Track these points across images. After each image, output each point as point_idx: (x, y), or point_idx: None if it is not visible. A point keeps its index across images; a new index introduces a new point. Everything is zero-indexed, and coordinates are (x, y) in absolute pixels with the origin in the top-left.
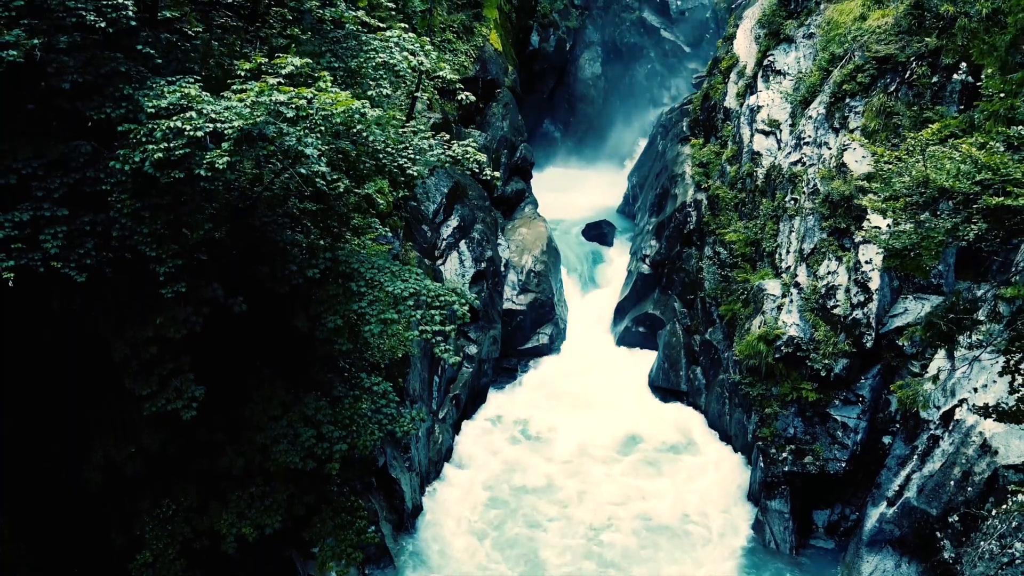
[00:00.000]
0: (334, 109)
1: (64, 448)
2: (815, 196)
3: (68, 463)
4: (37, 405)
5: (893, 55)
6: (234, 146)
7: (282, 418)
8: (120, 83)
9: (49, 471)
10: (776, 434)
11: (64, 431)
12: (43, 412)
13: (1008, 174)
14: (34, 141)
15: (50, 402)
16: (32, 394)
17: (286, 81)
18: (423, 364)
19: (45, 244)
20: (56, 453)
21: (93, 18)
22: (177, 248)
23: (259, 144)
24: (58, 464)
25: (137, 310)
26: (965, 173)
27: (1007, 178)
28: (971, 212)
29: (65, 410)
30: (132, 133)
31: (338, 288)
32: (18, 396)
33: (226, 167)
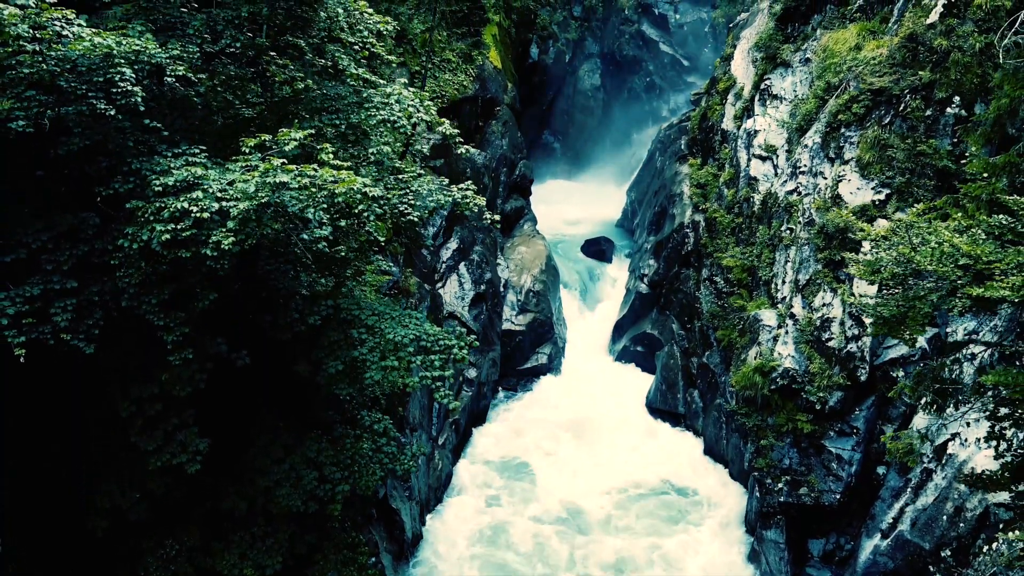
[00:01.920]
0: (336, 188)
1: (70, 496)
2: (810, 227)
3: (74, 510)
4: (44, 457)
5: (887, 88)
6: (239, 225)
7: (285, 461)
8: (128, 157)
9: (56, 518)
10: (772, 465)
11: (70, 480)
12: (50, 463)
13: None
14: (44, 213)
15: (57, 454)
16: (39, 447)
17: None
18: (423, 392)
19: (55, 317)
20: (63, 501)
21: (104, 106)
22: (184, 316)
23: (264, 222)
24: (65, 511)
25: (142, 366)
26: (948, 255)
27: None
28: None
29: (72, 460)
30: (140, 211)
31: (339, 334)
32: (25, 450)
33: (231, 247)
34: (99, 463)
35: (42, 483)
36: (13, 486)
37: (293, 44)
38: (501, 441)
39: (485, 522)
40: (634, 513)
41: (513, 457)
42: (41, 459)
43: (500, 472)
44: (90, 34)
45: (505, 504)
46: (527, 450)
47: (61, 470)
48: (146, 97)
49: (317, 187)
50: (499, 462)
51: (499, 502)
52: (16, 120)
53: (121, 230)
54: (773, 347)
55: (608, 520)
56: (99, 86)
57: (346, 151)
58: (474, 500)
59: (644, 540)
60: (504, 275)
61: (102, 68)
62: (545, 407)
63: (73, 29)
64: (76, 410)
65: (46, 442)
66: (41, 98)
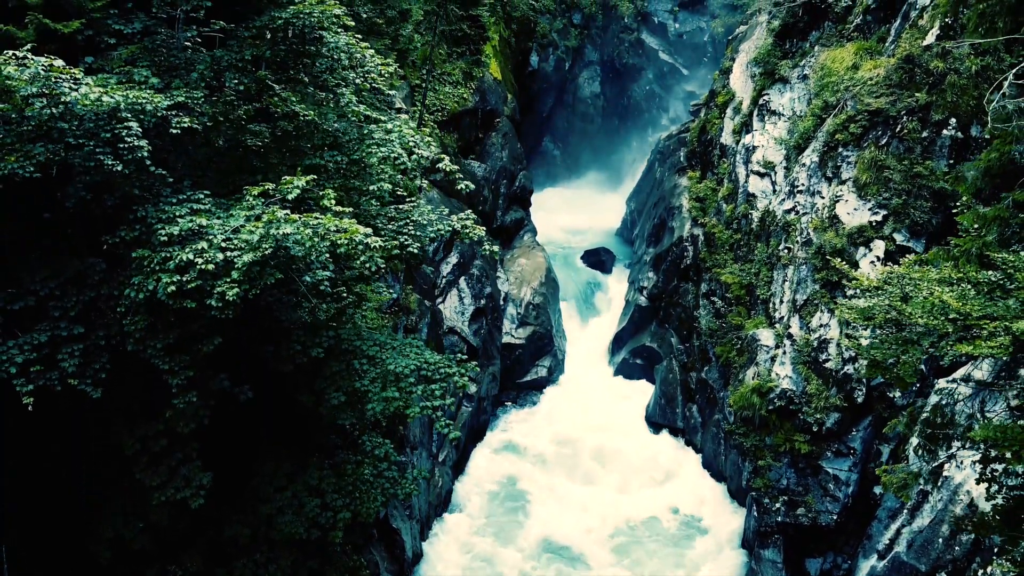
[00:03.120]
0: (339, 239)
1: (74, 526)
2: (808, 246)
3: (77, 539)
4: (48, 490)
5: (884, 109)
6: (243, 276)
7: (287, 488)
8: (133, 204)
9: (59, 547)
10: (770, 485)
11: (73, 511)
12: (54, 496)
13: (978, 318)
14: (50, 257)
15: (60, 488)
16: (43, 480)
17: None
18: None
19: (62, 363)
20: (66, 531)
21: (111, 162)
22: (188, 359)
23: (267, 270)
24: (68, 541)
25: (147, 404)
26: (938, 308)
27: (978, 320)
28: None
29: (75, 494)
30: (146, 260)
31: (341, 365)
32: (27, 483)
33: (235, 298)
34: (102, 496)
35: (45, 514)
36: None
37: (295, 78)
38: (499, 462)
39: (483, 544)
40: (631, 536)
41: (511, 480)
42: (44, 493)
43: (498, 499)
44: (98, 93)
45: (499, 535)
46: (526, 475)
47: (64, 502)
48: (151, 143)
49: (320, 236)
50: (497, 486)
51: (492, 532)
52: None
53: (127, 276)
54: (771, 367)
55: (604, 542)
56: (106, 141)
57: (348, 185)
58: (473, 521)
59: (640, 566)
60: (504, 288)
61: (109, 124)
62: (544, 422)
63: (81, 91)
64: (80, 447)
65: (49, 478)
66: (49, 147)
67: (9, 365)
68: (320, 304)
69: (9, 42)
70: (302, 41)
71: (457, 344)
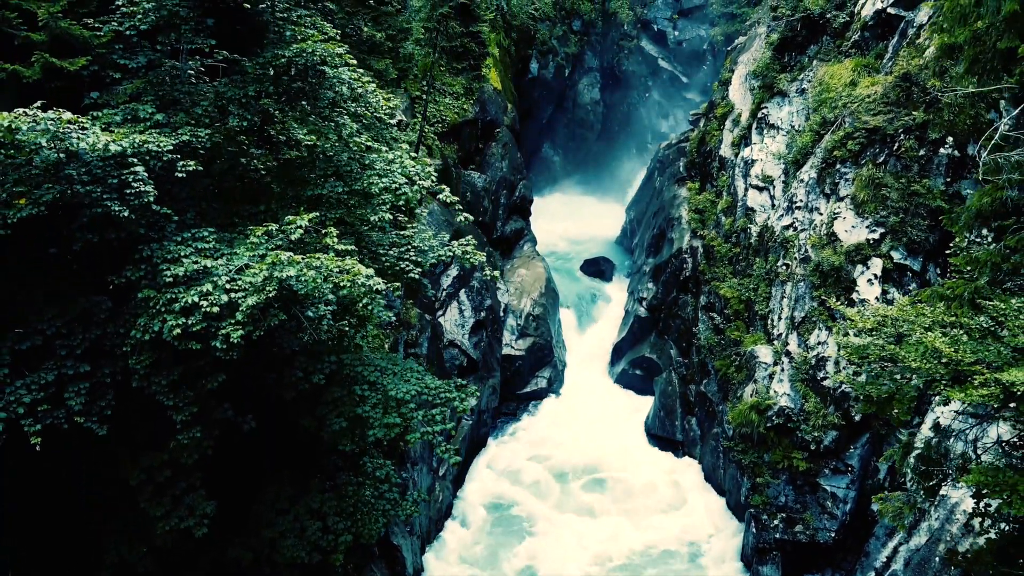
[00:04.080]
0: (341, 281)
1: (78, 551)
2: (806, 263)
3: (82, 564)
4: (52, 516)
5: (882, 127)
6: (247, 318)
7: (289, 511)
8: (139, 244)
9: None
10: (768, 502)
11: (78, 536)
12: (58, 523)
13: (970, 363)
14: (57, 294)
15: (65, 513)
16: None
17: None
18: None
19: (69, 401)
20: (70, 556)
21: (118, 208)
22: (192, 395)
23: (271, 311)
24: (72, 565)
25: (151, 436)
26: (931, 352)
27: (970, 366)
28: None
29: (80, 519)
30: (152, 301)
31: (342, 390)
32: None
33: (239, 340)
34: (107, 522)
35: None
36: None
37: (299, 107)
38: (498, 480)
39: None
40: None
41: (510, 502)
42: (48, 519)
43: (496, 514)
44: (105, 141)
45: (497, 552)
46: (523, 496)
47: (68, 528)
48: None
49: (323, 277)
50: (496, 502)
51: (491, 548)
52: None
53: (133, 314)
54: (769, 385)
55: (604, 564)
56: (113, 187)
57: (351, 216)
58: (472, 535)
59: None
60: (504, 299)
61: (116, 170)
62: (543, 435)
63: (89, 140)
64: (85, 477)
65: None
66: (56, 188)
67: (17, 405)
68: (321, 330)
69: (16, 80)
70: (305, 76)
71: (457, 357)
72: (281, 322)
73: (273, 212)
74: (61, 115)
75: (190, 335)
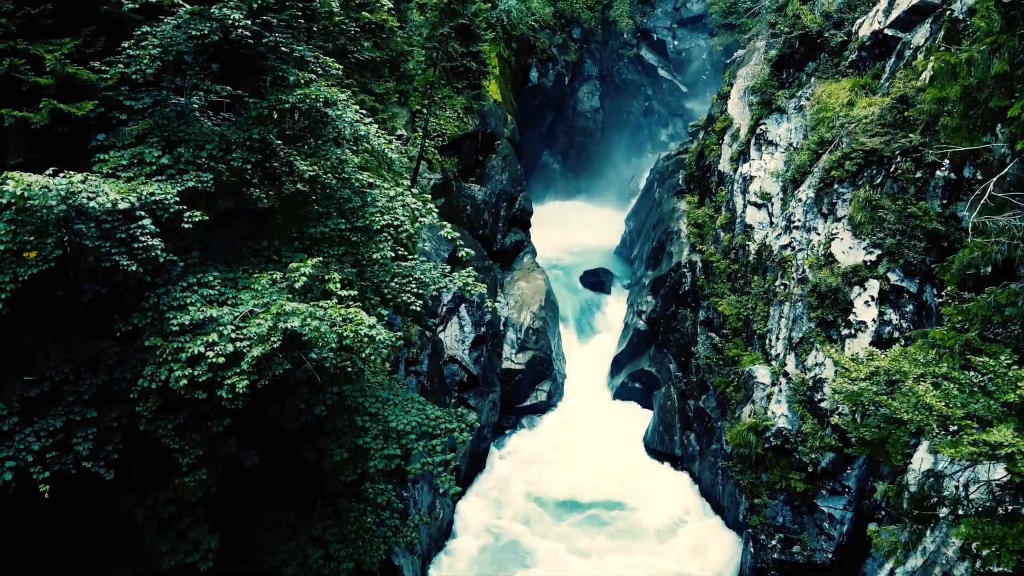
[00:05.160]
0: (345, 330)
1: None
2: (804, 284)
3: None
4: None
5: (879, 149)
6: (252, 367)
7: (291, 540)
8: (146, 291)
9: None
10: (766, 522)
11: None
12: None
13: (960, 418)
14: (65, 342)
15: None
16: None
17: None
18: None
19: (77, 447)
20: None
21: (126, 262)
22: (198, 438)
23: (275, 359)
24: None
25: (157, 474)
26: (922, 406)
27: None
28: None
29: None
30: (159, 349)
31: (344, 420)
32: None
33: (245, 390)
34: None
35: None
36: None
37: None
38: (496, 502)
39: None
40: None
41: (508, 532)
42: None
43: (494, 536)
44: (115, 198)
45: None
46: (521, 529)
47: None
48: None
49: (328, 327)
50: (493, 534)
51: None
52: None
53: (140, 360)
54: (767, 405)
55: None
56: (122, 241)
57: (354, 252)
58: (473, 553)
59: None
60: (504, 313)
61: (124, 224)
62: (543, 453)
63: (99, 199)
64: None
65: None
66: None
67: (26, 453)
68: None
69: (25, 126)
70: (307, 117)
71: (458, 373)
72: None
73: (276, 248)
74: (72, 178)
75: (196, 385)
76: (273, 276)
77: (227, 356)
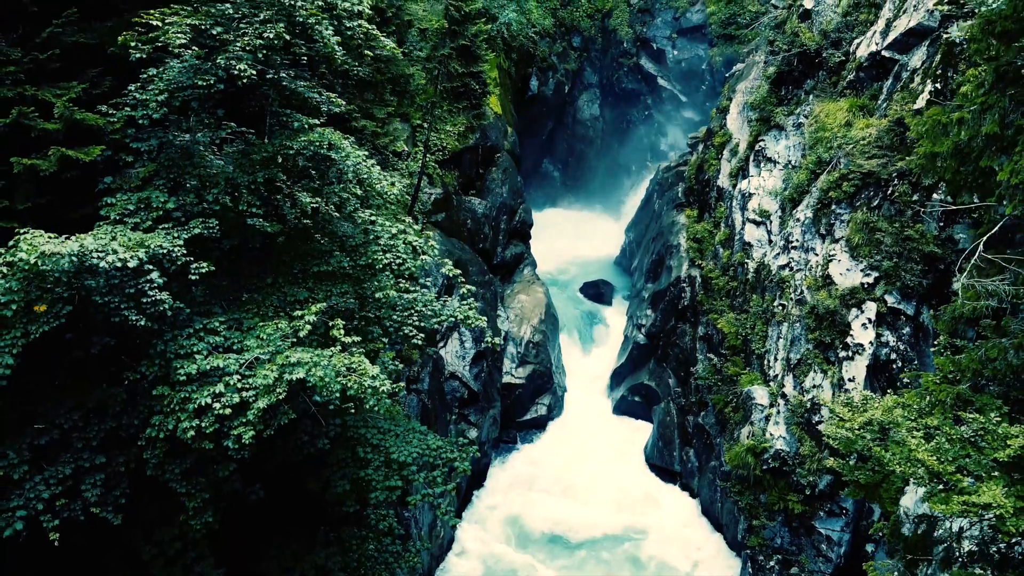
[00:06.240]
0: (349, 381)
1: None
2: (802, 305)
3: None
4: None
5: (876, 171)
6: (257, 418)
7: (294, 569)
8: (153, 339)
9: None
10: (764, 543)
11: None
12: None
13: (952, 472)
14: (73, 389)
15: None
16: None
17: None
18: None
19: (85, 493)
20: None
21: (135, 317)
22: (205, 481)
23: (281, 409)
24: None
25: (163, 511)
26: (914, 460)
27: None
28: None
29: None
30: (166, 399)
31: (346, 452)
32: None
33: (251, 440)
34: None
35: None
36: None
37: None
38: (493, 532)
39: None
40: None
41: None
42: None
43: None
44: (124, 255)
45: None
46: (520, 559)
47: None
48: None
49: (332, 377)
50: (489, 565)
51: None
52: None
53: (148, 406)
54: (765, 427)
55: None
56: (130, 296)
57: (358, 290)
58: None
59: None
60: (504, 327)
61: (133, 279)
62: (542, 472)
63: (108, 258)
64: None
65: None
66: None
67: (36, 502)
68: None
69: (33, 173)
70: (311, 160)
71: (459, 390)
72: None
73: (280, 285)
74: (83, 241)
75: (203, 435)
76: (279, 324)
77: (233, 407)
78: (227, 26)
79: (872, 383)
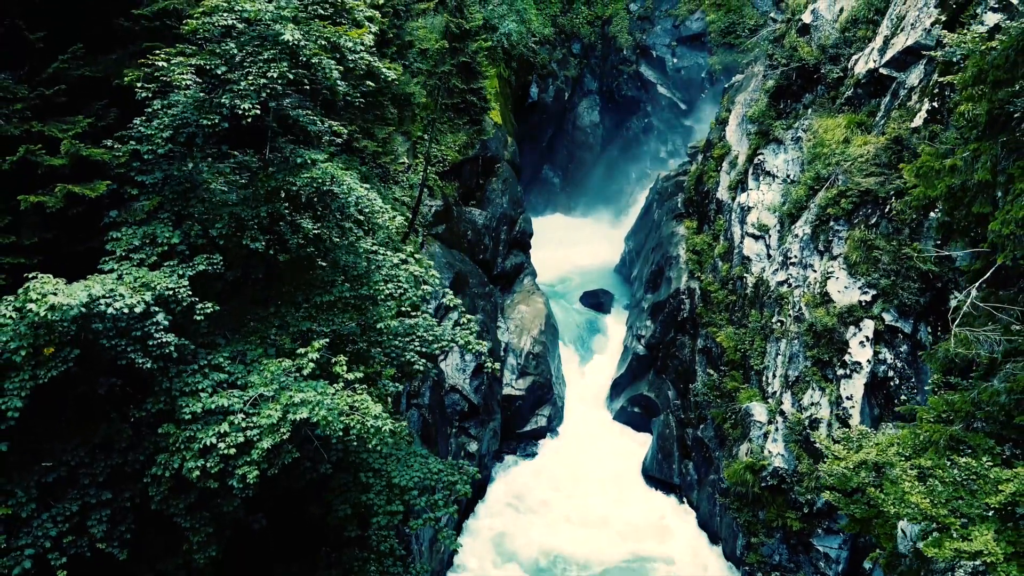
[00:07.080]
0: (352, 421)
1: None
2: (800, 322)
3: None
4: None
5: (874, 189)
6: (262, 458)
7: None
8: (158, 376)
9: None
10: (762, 560)
11: None
12: None
13: (945, 515)
14: (80, 425)
15: None
16: None
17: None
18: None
19: (92, 529)
20: None
21: (141, 359)
22: (209, 516)
23: (284, 448)
24: None
25: (166, 543)
26: (908, 503)
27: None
28: None
29: None
30: (172, 437)
31: (348, 477)
32: None
33: (255, 479)
34: None
35: None
36: None
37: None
38: (496, 537)
39: None
40: None
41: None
42: None
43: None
44: (131, 301)
45: None
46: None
47: None
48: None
49: (336, 415)
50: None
51: None
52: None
53: (154, 442)
54: (763, 444)
55: None
56: (137, 339)
57: (361, 319)
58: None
59: None
60: (504, 338)
61: (139, 322)
62: (541, 483)
63: (116, 304)
64: None
65: None
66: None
67: (44, 540)
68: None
69: (40, 211)
70: (315, 193)
71: (459, 403)
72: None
73: (283, 315)
74: (91, 288)
75: (208, 475)
76: (282, 363)
77: (237, 446)
78: (232, 65)
79: (870, 401)
